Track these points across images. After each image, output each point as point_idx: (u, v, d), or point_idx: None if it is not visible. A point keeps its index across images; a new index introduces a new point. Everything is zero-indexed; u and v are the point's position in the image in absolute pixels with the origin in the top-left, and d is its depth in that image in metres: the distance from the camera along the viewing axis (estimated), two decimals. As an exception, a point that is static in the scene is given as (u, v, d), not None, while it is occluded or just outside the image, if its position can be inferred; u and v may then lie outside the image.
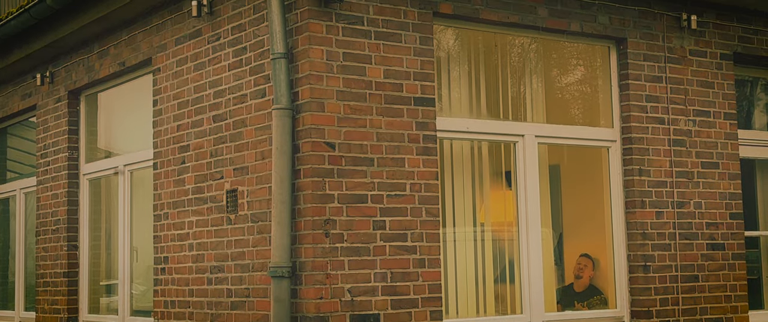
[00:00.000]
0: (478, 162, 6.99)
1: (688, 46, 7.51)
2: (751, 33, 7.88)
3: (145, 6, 7.41)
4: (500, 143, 6.97)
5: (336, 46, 5.96)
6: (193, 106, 6.93)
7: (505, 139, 6.86)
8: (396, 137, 6.12)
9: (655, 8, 7.36)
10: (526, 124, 6.97)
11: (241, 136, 6.40)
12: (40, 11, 8.01)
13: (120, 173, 8.15)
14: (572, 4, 6.97)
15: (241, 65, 6.44)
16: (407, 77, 6.19)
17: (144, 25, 7.56)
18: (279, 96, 5.90)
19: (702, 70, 7.56)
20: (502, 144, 6.97)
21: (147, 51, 7.53)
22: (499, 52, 7.08)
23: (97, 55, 8.25)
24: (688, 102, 7.45)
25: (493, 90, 7.01)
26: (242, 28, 6.45)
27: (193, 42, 6.96)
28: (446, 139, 6.68)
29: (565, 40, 7.23)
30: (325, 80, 5.91)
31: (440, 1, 6.37)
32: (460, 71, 6.82)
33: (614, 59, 7.28)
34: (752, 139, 8.09)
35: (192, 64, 6.97)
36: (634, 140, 7.16)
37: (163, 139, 7.26)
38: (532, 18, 6.79)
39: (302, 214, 5.87)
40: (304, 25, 5.90)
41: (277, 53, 5.92)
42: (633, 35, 7.24)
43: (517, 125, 6.92)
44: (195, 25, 6.94)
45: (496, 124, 6.87)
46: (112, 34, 8.00)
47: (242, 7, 6.45)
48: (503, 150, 7.02)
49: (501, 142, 6.93)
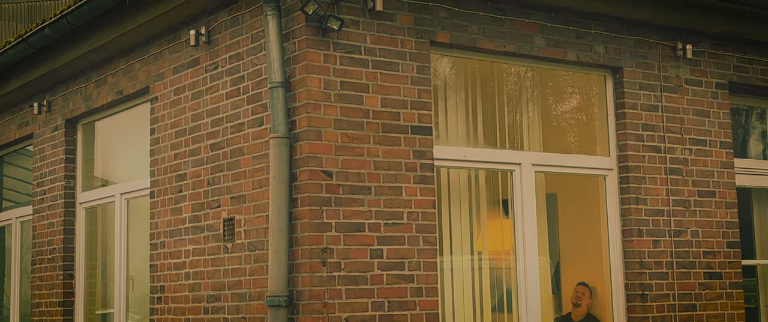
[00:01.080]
0: (475, 190, 7.00)
1: (684, 76, 7.55)
2: (746, 62, 7.92)
3: (143, 35, 7.44)
4: (497, 172, 6.98)
5: (333, 75, 5.98)
6: (191, 135, 6.93)
7: (502, 167, 6.87)
8: (393, 166, 6.12)
9: (651, 38, 7.41)
10: (523, 153, 6.98)
11: (239, 164, 6.41)
12: (39, 40, 8.04)
13: (116, 202, 8.15)
14: (568, 34, 7.01)
15: (239, 94, 6.46)
16: (404, 106, 6.21)
17: (142, 54, 7.59)
18: (276, 124, 5.92)
19: (698, 99, 7.59)
20: (499, 172, 6.98)
21: (145, 80, 7.56)
22: (495, 80, 7.11)
23: (95, 83, 8.27)
24: (685, 131, 7.47)
25: (490, 118, 7.04)
26: (240, 57, 6.47)
27: (191, 71, 6.98)
28: (443, 167, 6.69)
29: (561, 69, 7.27)
30: (323, 109, 5.92)
31: (437, 30, 6.41)
32: (457, 99, 6.84)
33: (610, 88, 7.32)
34: (748, 168, 8.11)
35: (190, 92, 6.98)
36: (631, 169, 7.18)
37: (160, 168, 7.26)
38: (529, 47, 6.83)
39: (299, 242, 5.86)
40: (301, 54, 5.93)
41: (275, 82, 5.94)
42: (629, 64, 7.27)
43: (514, 154, 6.93)
44: (193, 55, 6.97)
45: (493, 153, 6.89)
46: (110, 63, 8.02)
47: (240, 36, 6.48)
48: (500, 178, 7.03)
49: (498, 170, 6.94)
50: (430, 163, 6.28)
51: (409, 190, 6.16)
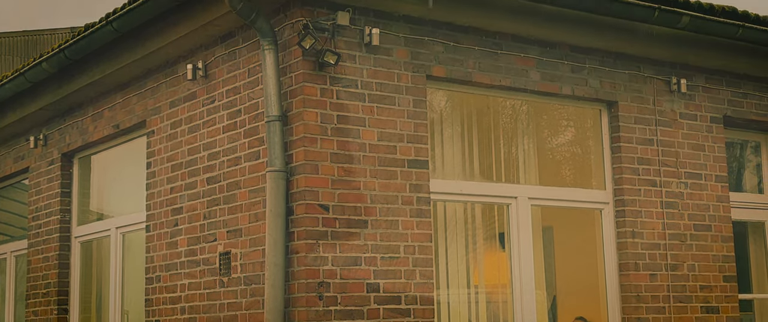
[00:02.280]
0: (471, 224, 7.00)
1: (679, 110, 7.58)
2: (740, 96, 7.96)
3: (140, 69, 7.47)
4: (493, 205, 6.98)
5: (330, 109, 6.00)
6: (187, 169, 6.94)
7: (499, 201, 6.88)
8: (390, 199, 6.13)
9: (645, 72, 7.45)
10: (519, 186, 6.99)
11: (235, 198, 6.41)
12: (36, 74, 8.06)
13: (112, 236, 8.12)
14: (563, 68, 7.05)
15: (236, 128, 6.47)
16: (401, 140, 6.23)
17: (139, 88, 7.61)
18: (273, 158, 5.92)
19: (693, 133, 7.62)
20: (496, 206, 6.98)
21: (141, 113, 7.57)
22: (491, 114, 7.13)
23: (92, 117, 8.28)
24: (680, 165, 7.49)
25: (486, 152, 7.05)
26: (237, 91, 6.49)
27: (188, 104, 7.00)
28: (440, 201, 6.69)
29: (556, 103, 7.30)
30: (320, 143, 5.94)
31: (433, 64, 6.44)
32: (453, 133, 6.86)
33: (606, 122, 7.35)
34: (744, 202, 8.12)
35: (186, 126, 7.00)
36: (627, 202, 7.19)
37: (156, 202, 7.25)
38: (524, 81, 6.86)
39: (296, 276, 5.84)
40: (298, 88, 5.95)
41: (272, 116, 5.96)
42: (624, 98, 7.31)
43: (510, 187, 6.94)
44: (190, 88, 6.99)
45: (489, 186, 6.89)
46: (107, 97, 8.04)
47: (237, 70, 6.51)
48: (496, 212, 7.03)
49: (494, 204, 6.94)
50: (426, 196, 6.28)
51: (406, 223, 6.16)
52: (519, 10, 6.54)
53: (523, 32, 6.80)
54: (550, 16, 6.67)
